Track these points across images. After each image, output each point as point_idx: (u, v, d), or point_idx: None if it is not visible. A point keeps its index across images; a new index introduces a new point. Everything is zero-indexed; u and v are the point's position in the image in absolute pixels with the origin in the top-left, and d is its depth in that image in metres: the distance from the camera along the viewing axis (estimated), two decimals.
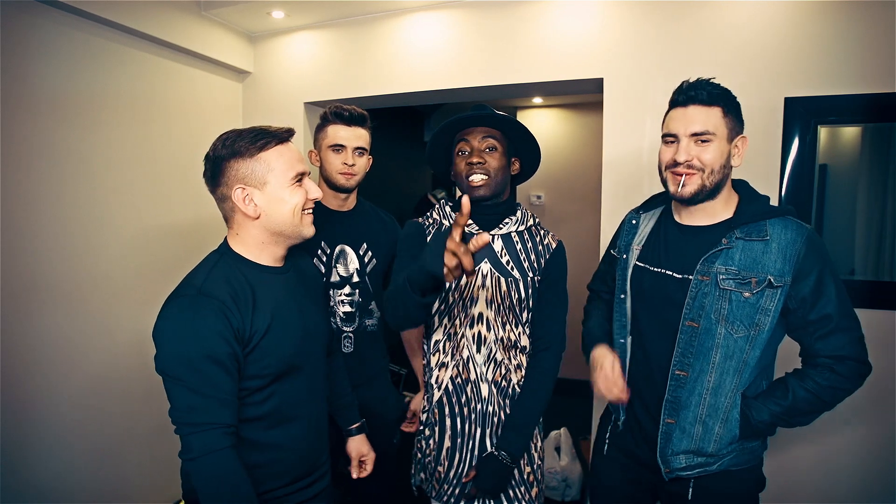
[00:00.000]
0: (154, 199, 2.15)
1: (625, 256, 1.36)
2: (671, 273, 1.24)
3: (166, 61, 2.19)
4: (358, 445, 1.44)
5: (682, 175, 1.17)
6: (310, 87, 2.49)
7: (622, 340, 1.34)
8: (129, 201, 2.05)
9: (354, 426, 1.45)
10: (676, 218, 1.29)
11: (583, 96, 3.72)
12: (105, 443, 1.95)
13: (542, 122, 4.06)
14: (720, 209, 1.23)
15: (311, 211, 1.15)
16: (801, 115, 1.74)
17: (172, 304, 1.03)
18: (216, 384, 0.98)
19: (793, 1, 1.75)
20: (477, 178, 1.30)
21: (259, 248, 1.13)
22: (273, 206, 1.09)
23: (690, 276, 1.20)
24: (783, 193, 1.78)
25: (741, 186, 1.26)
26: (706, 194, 1.19)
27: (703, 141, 1.15)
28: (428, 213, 1.47)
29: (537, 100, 3.94)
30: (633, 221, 1.39)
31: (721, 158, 1.16)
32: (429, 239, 1.37)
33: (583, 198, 3.94)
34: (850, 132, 1.76)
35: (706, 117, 1.15)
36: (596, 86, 2.08)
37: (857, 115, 1.71)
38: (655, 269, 1.27)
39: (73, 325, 1.86)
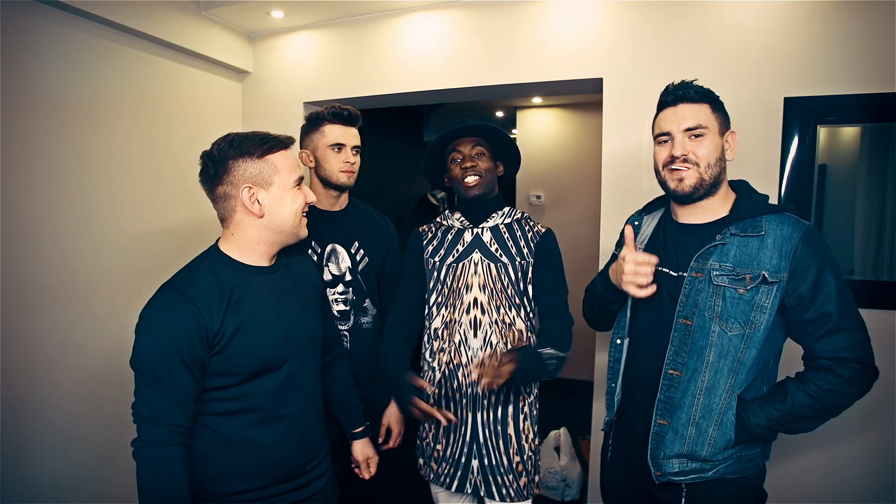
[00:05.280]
0: (154, 198, 2.15)
1: None
2: (668, 271, 1.24)
3: (166, 61, 2.19)
4: (363, 448, 1.46)
5: (680, 170, 1.19)
6: (309, 86, 2.48)
7: (619, 341, 1.34)
8: (128, 200, 2.05)
9: (358, 430, 1.46)
10: (675, 218, 1.30)
11: (582, 96, 3.73)
12: (105, 441, 1.94)
13: (541, 122, 4.06)
14: (717, 207, 1.23)
15: (306, 214, 1.21)
16: (801, 114, 1.74)
17: (148, 302, 1.07)
18: (171, 383, 1.02)
19: (792, 1, 1.75)
20: (471, 180, 1.49)
21: (252, 247, 1.16)
22: (276, 207, 1.14)
23: (685, 274, 1.20)
24: (782, 193, 1.78)
25: (739, 185, 1.27)
26: (706, 189, 1.19)
27: (696, 136, 1.18)
28: (436, 220, 1.64)
29: (537, 100, 3.94)
30: (636, 223, 1.39)
31: (716, 152, 1.18)
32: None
33: (582, 197, 3.94)
34: (850, 132, 1.76)
35: (697, 113, 1.19)
36: (595, 86, 2.08)
37: (856, 114, 1.71)
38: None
39: (73, 324, 1.86)
